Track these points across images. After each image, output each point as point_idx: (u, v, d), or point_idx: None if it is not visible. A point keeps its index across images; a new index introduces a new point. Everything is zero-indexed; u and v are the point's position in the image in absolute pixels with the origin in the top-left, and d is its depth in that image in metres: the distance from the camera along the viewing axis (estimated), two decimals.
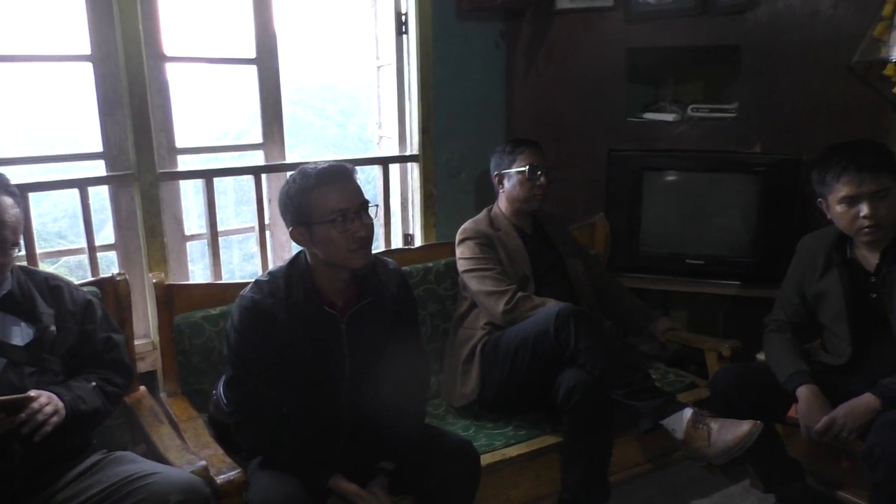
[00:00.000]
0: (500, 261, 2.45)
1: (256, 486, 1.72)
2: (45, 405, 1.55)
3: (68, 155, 2.39)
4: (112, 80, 2.30)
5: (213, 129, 9.19)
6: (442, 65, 2.87)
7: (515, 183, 2.51)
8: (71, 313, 1.79)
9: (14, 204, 1.65)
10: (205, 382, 2.22)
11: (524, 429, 2.26)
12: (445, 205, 2.98)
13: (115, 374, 1.84)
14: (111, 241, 2.44)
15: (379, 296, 1.90)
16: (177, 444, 1.89)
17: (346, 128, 13.28)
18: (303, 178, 1.78)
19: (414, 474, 1.86)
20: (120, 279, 2.14)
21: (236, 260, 4.26)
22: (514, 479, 2.16)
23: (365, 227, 1.78)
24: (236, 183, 3.13)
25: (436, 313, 2.63)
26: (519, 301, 2.32)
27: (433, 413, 2.40)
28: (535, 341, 2.17)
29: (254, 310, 1.79)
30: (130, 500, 1.56)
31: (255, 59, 2.60)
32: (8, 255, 1.63)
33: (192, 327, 2.21)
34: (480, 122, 3.03)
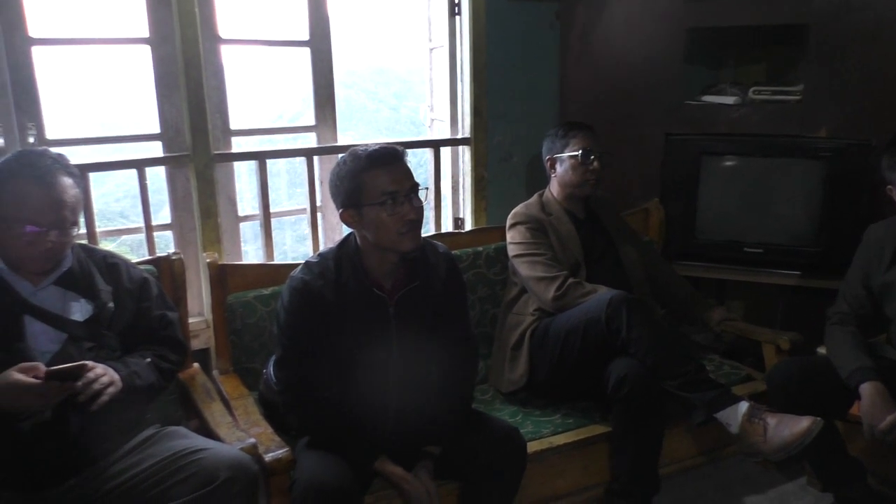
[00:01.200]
0: (551, 246, 2.42)
1: (304, 465, 1.73)
2: (101, 375, 1.58)
3: (127, 136, 2.45)
4: (169, 63, 2.34)
5: (268, 112, 9.32)
6: (495, 46, 2.82)
7: (568, 167, 2.46)
8: (128, 291, 1.83)
9: (74, 184, 1.69)
10: (256, 361, 2.25)
11: (572, 417, 2.23)
12: (496, 188, 2.95)
13: (170, 350, 1.88)
14: (168, 220, 2.50)
15: (428, 279, 1.89)
16: (227, 421, 1.92)
17: (398, 111, 13.30)
18: (353, 159, 1.78)
19: (459, 459, 1.86)
20: (175, 258, 2.18)
21: (289, 241, 4.32)
22: (561, 468, 2.13)
23: (415, 210, 1.77)
24: (289, 165, 3.16)
25: (485, 298, 2.61)
26: (570, 287, 2.29)
27: (480, 398, 2.39)
28: (585, 329, 2.13)
29: (303, 290, 1.81)
30: (181, 475, 1.60)
31: (308, 41, 2.61)
32: (68, 233, 1.67)
33: (244, 307, 2.25)
34: (533, 104, 2.98)
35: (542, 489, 2.11)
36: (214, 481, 1.56)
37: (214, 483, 1.56)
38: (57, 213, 1.63)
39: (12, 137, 2.14)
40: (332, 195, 1.84)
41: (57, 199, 1.63)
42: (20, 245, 1.61)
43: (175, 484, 1.59)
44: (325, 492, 1.64)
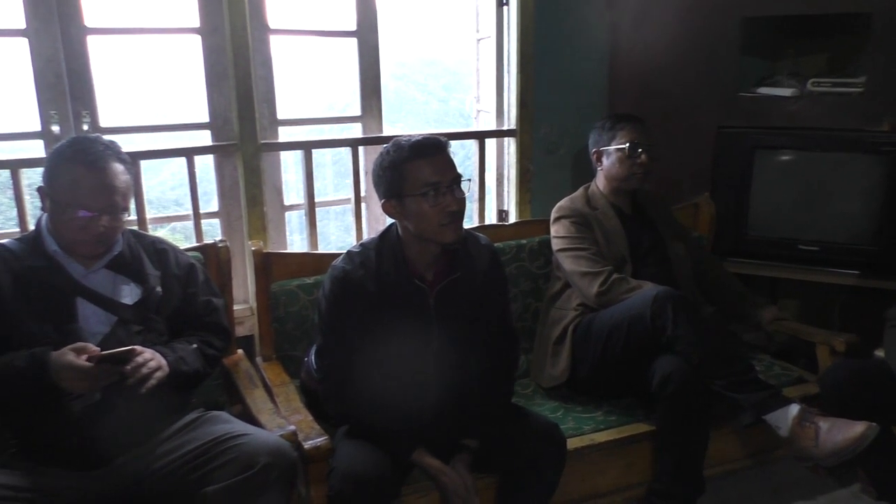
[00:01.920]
0: (596, 241, 2.38)
1: (342, 453, 1.74)
2: (150, 360, 1.62)
3: (177, 125, 2.49)
4: (218, 52, 2.37)
5: (319, 102, 9.42)
6: (543, 36, 2.78)
7: (614, 160, 2.42)
8: (175, 276, 1.87)
9: (125, 171, 1.72)
10: (298, 349, 2.27)
11: (615, 414, 2.19)
12: (541, 181, 2.91)
13: (215, 337, 1.91)
14: (216, 209, 2.54)
15: (469, 271, 1.88)
16: (269, 407, 1.94)
17: (447, 103, 13.30)
18: (396, 150, 1.77)
19: (498, 454, 1.84)
20: (221, 246, 2.21)
21: (334, 231, 4.36)
22: (602, 466, 2.10)
23: (457, 201, 1.76)
24: (336, 155, 3.18)
25: (528, 291, 2.58)
26: (614, 283, 2.24)
27: (521, 393, 2.37)
28: (629, 325, 2.09)
29: (344, 280, 1.81)
30: (222, 459, 1.62)
31: (355, 31, 2.61)
32: (118, 218, 1.71)
33: (287, 295, 2.27)
34: (581, 96, 2.93)
35: (583, 486, 2.08)
36: (254, 466, 1.58)
37: (254, 468, 1.57)
38: (108, 198, 1.66)
39: (67, 125, 2.21)
40: (375, 185, 1.84)
41: (108, 185, 1.66)
42: (73, 229, 1.65)
43: (216, 468, 1.62)
44: (363, 481, 1.64)
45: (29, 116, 2.22)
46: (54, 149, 1.70)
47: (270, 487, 1.59)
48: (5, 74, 4.88)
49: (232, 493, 1.57)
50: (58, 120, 2.19)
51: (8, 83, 5.86)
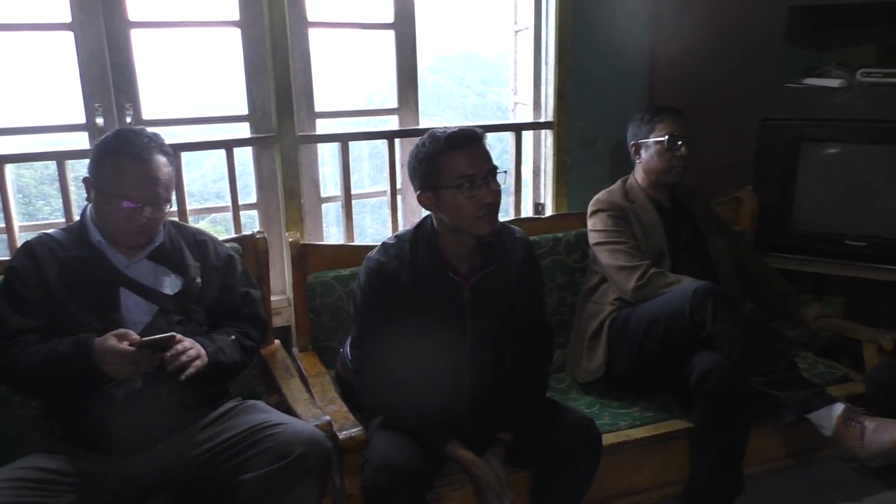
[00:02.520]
0: (634, 234, 2.34)
1: (376, 444, 1.75)
2: (189, 349, 1.65)
3: (216, 117, 2.52)
4: (257, 45, 2.39)
5: (358, 95, 9.48)
6: (581, 27, 2.75)
7: (653, 153, 2.37)
8: (214, 267, 1.90)
9: (168, 163, 1.75)
10: (333, 340, 2.29)
11: (651, 411, 2.16)
12: (578, 174, 2.88)
13: (252, 328, 1.93)
14: (254, 200, 2.56)
15: (504, 264, 1.87)
16: (305, 397, 1.96)
17: (485, 96, 13.27)
18: (432, 141, 1.77)
19: (532, 448, 1.83)
20: (259, 237, 2.24)
21: (369, 223, 4.38)
22: (639, 462, 2.07)
23: (492, 193, 1.75)
24: (372, 148, 3.19)
25: (563, 285, 2.56)
26: (652, 277, 2.21)
27: (556, 387, 2.35)
28: (667, 320, 2.06)
29: (379, 272, 1.81)
30: (259, 447, 1.64)
31: (392, 24, 2.61)
32: (161, 210, 1.74)
33: (323, 286, 2.29)
34: (620, 87, 2.89)
35: (618, 483, 2.05)
36: (289, 456, 1.59)
37: (289, 457, 1.59)
38: (151, 190, 1.69)
39: (111, 117, 2.25)
40: (410, 177, 1.84)
41: (152, 176, 1.69)
42: (117, 219, 1.69)
43: (253, 456, 1.64)
44: (397, 472, 1.64)
45: (74, 109, 2.27)
46: (99, 140, 1.73)
47: (306, 476, 1.61)
48: (52, 68, 5.01)
49: (268, 481, 1.59)
50: (102, 112, 2.23)
51: (54, 76, 6.03)
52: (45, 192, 6.93)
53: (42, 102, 8.47)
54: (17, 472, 1.55)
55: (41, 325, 1.68)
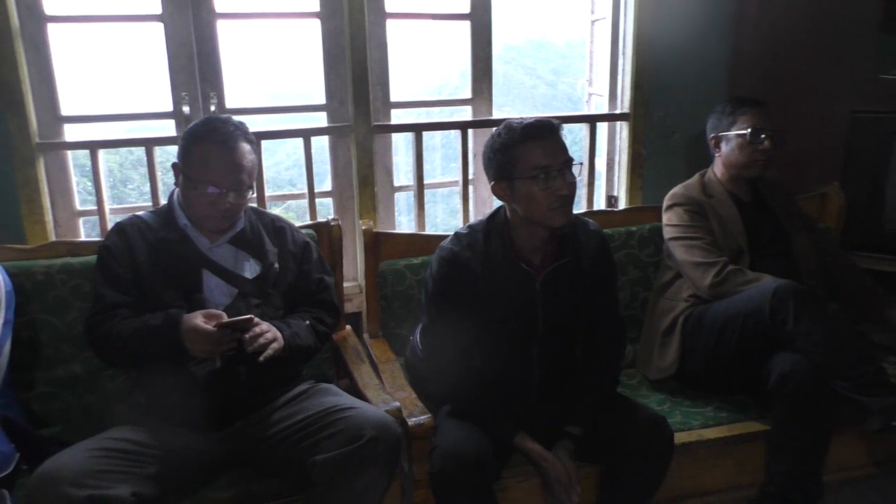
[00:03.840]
0: (711, 230, 2.28)
1: (445, 432, 1.76)
2: (266, 331, 1.70)
3: (296, 106, 2.58)
4: (336, 36, 2.43)
5: (429, 85, 9.54)
6: (661, 17, 2.68)
7: (734, 147, 2.30)
8: (291, 253, 1.95)
9: (251, 150, 1.81)
10: (403, 327, 2.32)
11: (726, 411, 2.11)
12: (654, 167, 2.82)
13: (326, 313, 1.98)
14: (329, 188, 2.61)
15: (577, 256, 1.85)
16: (375, 382, 2.00)
17: (556, 87, 13.11)
18: (508, 132, 1.76)
19: (602, 444, 1.81)
20: (334, 224, 2.28)
21: (440, 214, 4.41)
22: (711, 463, 2.02)
23: (567, 185, 1.73)
24: (445, 138, 3.20)
25: (636, 280, 2.51)
26: (729, 274, 2.14)
27: (627, 383, 2.31)
28: (745, 319, 1.99)
29: (451, 261, 1.82)
30: (331, 430, 1.67)
31: (468, 14, 2.61)
32: (244, 196, 1.80)
33: (395, 274, 2.32)
34: (700, 78, 2.80)
35: (689, 483, 2.01)
36: (360, 439, 1.62)
37: (360, 441, 1.62)
38: (236, 177, 1.75)
39: (196, 106, 2.33)
40: (485, 167, 1.84)
41: (237, 163, 1.75)
42: (202, 204, 1.75)
43: (325, 437, 1.67)
44: (464, 461, 1.65)
45: (162, 97, 2.36)
46: (189, 127, 1.80)
47: (376, 460, 1.63)
48: (141, 58, 5.24)
49: (339, 462, 1.61)
50: (188, 101, 2.32)
51: (143, 66, 6.29)
52: (128, 176, 7.25)
53: (131, 91, 8.86)
54: (106, 441, 1.63)
55: (132, 301, 1.77)
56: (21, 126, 2.13)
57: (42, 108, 2.21)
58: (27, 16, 2.14)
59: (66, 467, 1.49)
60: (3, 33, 2.06)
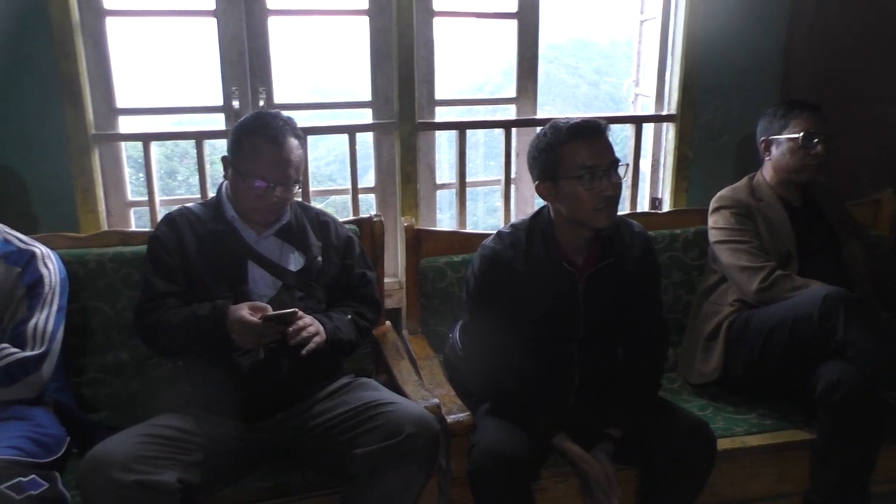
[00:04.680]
0: (759, 234, 2.23)
1: (484, 430, 1.76)
2: (309, 325, 1.72)
3: (342, 103, 2.61)
4: (384, 34, 2.45)
5: (471, 83, 9.54)
6: (712, 17, 2.63)
7: (785, 150, 2.25)
8: (335, 247, 1.97)
9: (299, 146, 1.84)
10: (443, 324, 2.32)
11: (770, 418, 2.07)
12: (700, 169, 2.77)
13: (367, 309, 2.00)
14: (372, 184, 2.63)
15: (621, 257, 1.84)
16: (414, 378, 2.01)
17: (598, 87, 12.99)
18: (553, 132, 1.76)
19: (642, 447, 1.79)
20: (376, 220, 2.30)
21: (480, 212, 4.41)
22: (754, 471, 1.99)
23: (613, 186, 1.72)
24: (487, 136, 3.20)
25: (679, 283, 2.48)
26: (777, 279, 2.10)
27: (668, 387, 2.28)
28: (793, 325, 1.95)
29: (493, 259, 1.83)
30: (370, 424, 1.69)
31: (516, 13, 2.60)
32: (290, 190, 1.82)
33: (435, 271, 2.33)
34: (750, 80, 2.74)
35: (731, 490, 1.98)
36: (399, 435, 1.63)
37: (399, 436, 1.62)
38: (283, 171, 1.78)
39: (246, 100, 2.37)
40: (530, 167, 1.83)
41: (285, 158, 1.78)
42: (250, 197, 1.79)
43: (364, 432, 1.68)
44: (503, 459, 1.65)
45: (212, 92, 2.41)
46: (239, 122, 1.84)
47: (414, 456, 1.64)
48: (194, 52, 5.36)
49: (378, 457, 1.63)
50: (238, 95, 2.36)
51: (196, 60, 6.42)
52: (174, 168, 7.41)
53: (181, 84, 9.04)
54: (153, 428, 1.67)
55: (181, 290, 1.80)
56: (78, 117, 2.19)
57: (98, 100, 2.27)
58: (87, 10, 2.20)
59: (116, 452, 1.53)
60: (65, 27, 2.12)
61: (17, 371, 1.68)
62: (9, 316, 1.73)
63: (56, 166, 2.21)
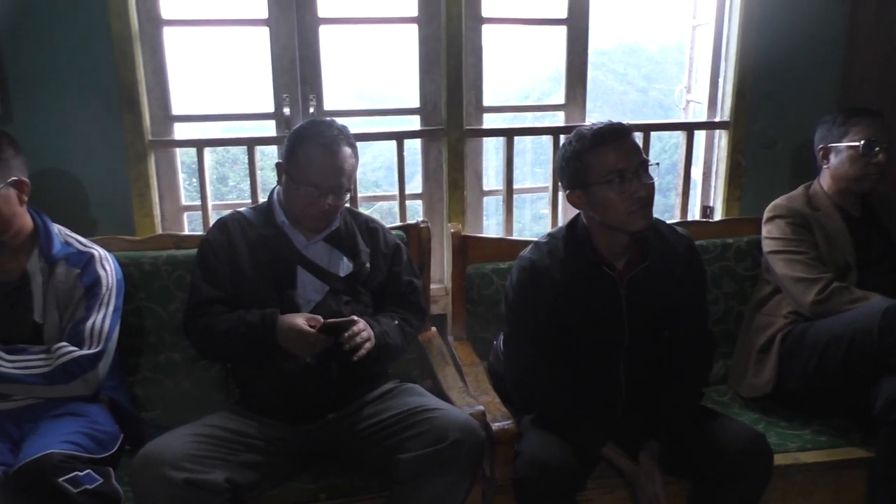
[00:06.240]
0: (816, 245, 2.17)
1: (530, 439, 1.75)
2: (362, 331, 1.74)
3: (391, 109, 2.63)
4: (433, 41, 2.46)
5: (517, 90, 9.53)
6: (768, 22, 2.57)
7: (844, 159, 2.18)
8: (383, 254, 1.98)
9: (352, 154, 1.86)
10: (488, 332, 2.31)
11: (825, 435, 2.00)
12: (754, 177, 2.71)
13: (413, 316, 2.01)
14: (418, 190, 2.65)
15: (663, 259, 1.81)
16: (459, 385, 2.00)
17: (647, 93, 12.82)
18: (578, 139, 1.74)
19: (694, 458, 1.75)
20: (423, 226, 2.31)
21: (527, 218, 4.39)
22: (808, 489, 1.92)
23: (644, 186, 1.70)
24: (535, 143, 3.19)
25: (731, 293, 2.42)
26: (834, 292, 2.04)
27: (717, 400, 2.23)
28: (852, 339, 1.89)
29: (530, 270, 1.81)
30: (416, 429, 1.69)
31: (565, 19, 2.58)
32: (342, 198, 1.85)
33: (481, 278, 2.32)
34: (808, 86, 2.67)
35: None
36: (444, 441, 1.63)
37: (444, 442, 1.62)
38: (336, 179, 1.80)
39: (297, 108, 2.41)
40: (559, 177, 1.83)
41: (338, 167, 1.80)
42: (302, 203, 1.81)
43: (409, 437, 1.69)
44: (549, 469, 1.64)
45: (263, 99, 2.45)
46: (294, 129, 1.87)
47: (458, 463, 1.64)
48: (247, 61, 5.49)
49: (423, 462, 1.63)
50: (289, 103, 2.39)
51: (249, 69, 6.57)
52: (224, 174, 7.57)
53: (233, 91, 9.26)
54: (204, 427, 1.70)
55: (227, 296, 1.84)
56: (136, 124, 2.26)
57: (155, 107, 2.34)
58: (146, 20, 2.27)
59: (167, 450, 1.57)
60: (125, 37, 2.19)
61: (74, 369, 1.73)
62: (68, 315, 1.79)
63: (114, 171, 2.28)
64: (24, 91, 2.17)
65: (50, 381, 1.71)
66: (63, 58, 2.17)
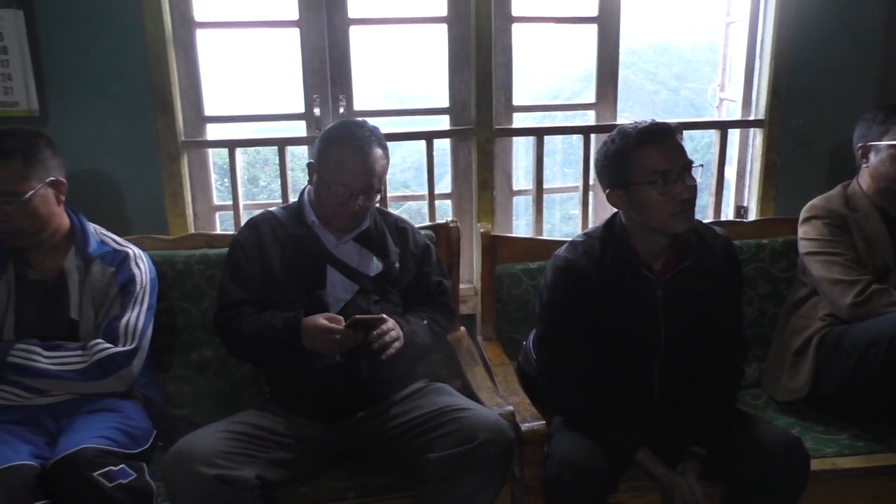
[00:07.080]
0: (854, 246, 2.12)
1: (561, 441, 1.73)
2: (391, 329, 1.74)
3: (420, 109, 2.64)
4: (462, 41, 2.46)
5: (546, 90, 9.49)
6: (804, 18, 2.52)
7: (885, 158, 2.13)
8: (412, 254, 1.99)
9: (383, 155, 1.86)
10: (518, 332, 2.30)
11: (863, 440, 1.96)
12: (790, 177, 2.66)
13: (442, 316, 2.01)
14: (447, 190, 2.64)
15: (702, 261, 1.78)
16: (488, 385, 1.99)
17: (678, 93, 12.68)
18: (622, 137, 1.71)
19: (729, 461, 1.71)
20: (452, 226, 2.31)
21: (556, 219, 4.37)
22: (845, 495, 1.88)
23: (688, 189, 1.67)
24: (565, 143, 3.17)
25: (765, 295, 2.38)
26: (874, 294, 1.99)
27: (751, 403, 2.19)
28: (891, 343, 1.84)
29: (566, 269, 1.79)
30: (445, 429, 1.69)
31: (596, 17, 2.56)
32: (372, 199, 1.85)
33: (511, 278, 2.31)
34: (845, 84, 2.61)
35: None
36: (474, 441, 1.62)
37: (474, 442, 1.62)
38: (367, 180, 1.81)
39: (327, 108, 2.42)
40: (598, 175, 1.80)
41: (369, 168, 1.80)
42: (333, 204, 1.82)
43: (439, 436, 1.68)
44: (580, 470, 1.62)
45: (294, 99, 2.47)
46: (326, 129, 1.88)
47: (488, 463, 1.63)
48: (279, 61, 5.54)
49: (451, 462, 1.62)
50: (319, 103, 2.41)
51: (279, 69, 6.64)
52: (255, 174, 7.66)
53: (264, 92, 9.36)
54: (235, 425, 1.72)
55: (255, 297, 1.85)
56: (169, 125, 2.29)
57: (188, 108, 2.37)
58: (179, 22, 2.30)
59: (199, 447, 1.59)
60: (159, 39, 2.22)
61: (109, 365, 1.76)
62: (103, 313, 1.82)
63: (148, 172, 2.31)
64: (61, 93, 2.22)
65: (86, 377, 1.74)
66: (99, 60, 2.21)
